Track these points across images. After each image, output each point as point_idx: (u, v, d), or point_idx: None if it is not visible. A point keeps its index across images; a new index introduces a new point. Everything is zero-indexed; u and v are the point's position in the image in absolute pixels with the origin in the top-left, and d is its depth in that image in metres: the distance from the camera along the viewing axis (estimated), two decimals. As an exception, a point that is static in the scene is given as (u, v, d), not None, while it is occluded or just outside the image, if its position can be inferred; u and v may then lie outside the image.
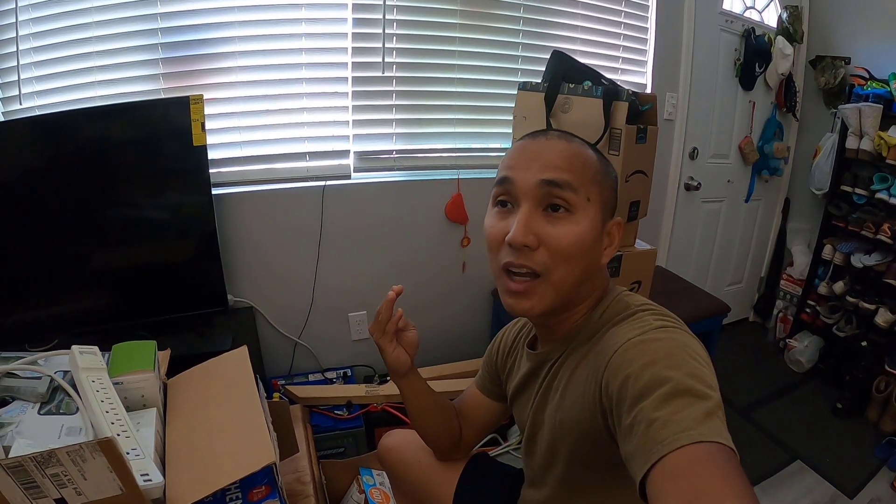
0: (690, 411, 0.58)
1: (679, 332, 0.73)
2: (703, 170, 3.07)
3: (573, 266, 0.80)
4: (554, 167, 0.80)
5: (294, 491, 1.39)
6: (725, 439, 0.56)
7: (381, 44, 2.06)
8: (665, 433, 0.56)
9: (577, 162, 0.81)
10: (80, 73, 1.77)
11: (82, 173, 1.60)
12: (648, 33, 2.64)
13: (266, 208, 2.06)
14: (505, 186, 0.83)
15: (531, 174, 0.80)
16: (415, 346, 1.08)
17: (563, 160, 0.81)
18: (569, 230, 0.79)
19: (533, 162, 0.81)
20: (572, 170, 0.80)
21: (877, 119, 2.60)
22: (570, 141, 0.85)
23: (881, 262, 2.65)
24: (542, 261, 0.79)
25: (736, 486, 0.51)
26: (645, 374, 0.64)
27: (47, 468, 0.73)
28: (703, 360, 0.67)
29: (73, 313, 1.67)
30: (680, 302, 2.37)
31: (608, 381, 0.70)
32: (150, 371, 1.11)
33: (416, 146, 2.29)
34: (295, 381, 2.19)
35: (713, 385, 0.63)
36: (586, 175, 0.81)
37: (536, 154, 0.82)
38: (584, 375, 0.79)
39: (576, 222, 0.79)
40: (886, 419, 2.54)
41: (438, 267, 2.42)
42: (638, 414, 0.61)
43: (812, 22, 3.11)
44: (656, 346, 0.69)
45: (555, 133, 0.86)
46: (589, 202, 0.81)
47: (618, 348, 0.71)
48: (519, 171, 0.81)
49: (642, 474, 0.56)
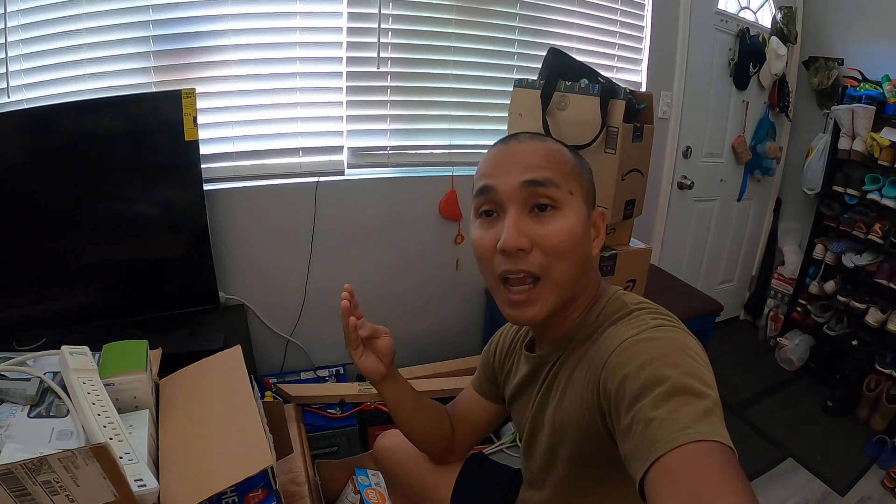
0: (688, 410, 0.58)
1: (676, 330, 0.73)
2: (696, 169, 3.08)
3: (569, 261, 0.80)
4: (534, 167, 0.80)
5: (289, 492, 1.38)
6: (724, 438, 0.56)
7: (376, 38, 2.03)
8: (663, 432, 0.56)
9: (554, 158, 0.82)
10: (70, 66, 1.73)
11: (72, 168, 1.57)
12: (644, 32, 2.64)
13: (258, 204, 2.03)
14: (487, 195, 0.82)
15: (512, 178, 0.80)
16: (389, 353, 1.04)
17: (540, 158, 0.81)
18: (559, 226, 0.79)
19: (511, 165, 0.81)
20: (551, 167, 0.81)
21: (869, 120, 2.62)
22: (542, 140, 0.86)
23: (872, 261, 2.68)
24: (539, 262, 0.79)
25: (735, 484, 0.51)
26: (643, 373, 0.64)
27: (39, 475, 0.70)
28: (701, 359, 0.68)
29: (61, 311, 1.64)
30: (673, 300, 2.37)
31: (606, 380, 0.70)
32: (142, 371, 1.08)
33: (411, 142, 2.28)
34: (287, 379, 2.17)
35: (711, 383, 0.64)
36: (565, 170, 0.82)
37: (513, 157, 0.82)
38: (583, 376, 0.79)
39: (564, 217, 0.80)
40: (876, 417, 2.57)
41: (432, 264, 2.41)
42: (636, 413, 0.61)
43: (806, 23, 3.13)
44: (654, 345, 0.69)
45: (525, 135, 0.87)
46: (572, 195, 0.82)
47: (615, 348, 0.71)
48: (499, 177, 0.81)
49: (641, 474, 0.56)
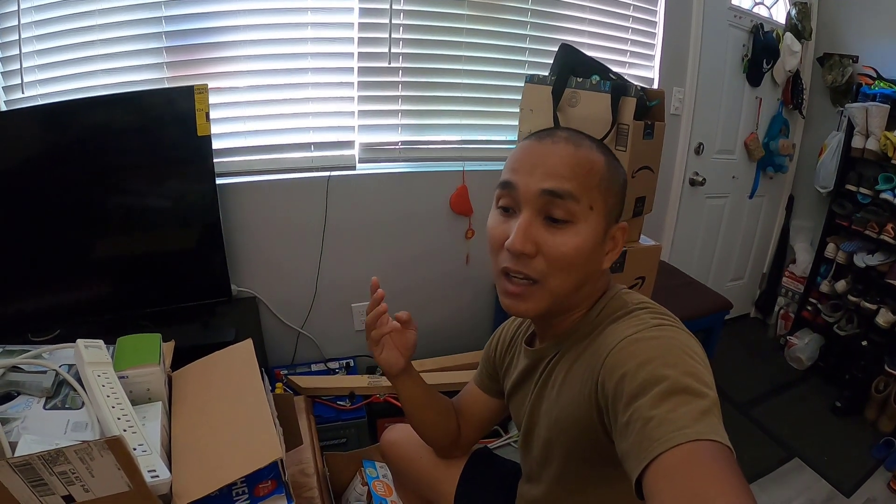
0: (687, 409, 0.58)
1: (676, 330, 0.73)
2: (708, 165, 3.06)
3: (570, 275, 0.80)
4: (557, 175, 0.78)
5: (298, 483, 1.40)
6: (721, 437, 0.56)
7: (387, 34, 2.04)
8: (661, 431, 0.57)
9: (582, 169, 0.79)
10: (84, 62, 1.75)
11: (85, 162, 1.59)
12: (657, 27, 2.62)
13: (270, 198, 2.05)
14: (507, 191, 0.82)
15: (534, 181, 0.78)
16: (411, 348, 1.06)
17: (566, 167, 0.78)
18: (567, 240, 0.78)
19: (536, 168, 0.79)
20: (576, 178, 0.78)
21: (883, 119, 2.59)
22: (577, 145, 0.82)
23: (884, 262, 2.65)
24: (540, 268, 0.79)
25: (732, 484, 0.51)
26: (641, 372, 0.64)
27: (55, 466, 0.73)
28: (700, 359, 0.68)
29: (75, 303, 1.67)
30: (683, 298, 2.38)
31: (604, 378, 0.70)
32: (156, 365, 1.10)
33: (422, 137, 2.28)
34: (298, 371, 2.19)
35: (710, 383, 0.64)
36: (591, 182, 0.79)
37: (541, 159, 0.80)
38: (581, 373, 0.80)
39: (576, 233, 0.78)
40: (884, 419, 2.56)
41: (442, 258, 2.41)
42: (634, 412, 0.61)
43: (821, 19, 3.09)
44: (653, 344, 0.69)
45: (562, 135, 0.83)
46: (592, 210, 0.79)
47: (614, 346, 0.72)
48: (522, 175, 0.80)
49: (638, 473, 0.56)
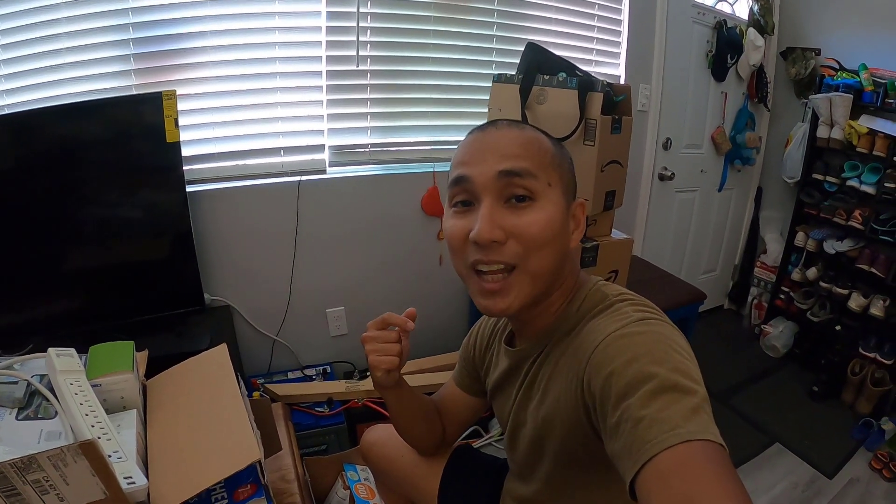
0: (677, 408, 0.57)
1: (661, 323, 0.72)
2: (676, 160, 3.10)
3: (548, 252, 0.78)
4: (511, 156, 0.77)
5: (279, 489, 1.37)
6: (714, 435, 0.55)
7: (355, 37, 2.04)
8: (653, 432, 0.55)
9: (533, 147, 0.79)
10: (50, 71, 1.72)
11: (54, 172, 1.56)
12: (622, 25, 2.66)
13: (241, 205, 2.03)
14: (461, 185, 0.80)
15: (488, 167, 0.77)
16: (405, 359, 1.01)
17: (518, 147, 0.78)
18: (536, 218, 0.76)
19: (487, 154, 0.78)
20: (529, 156, 0.78)
21: (847, 108, 2.66)
22: (521, 127, 0.82)
23: (853, 247, 2.72)
24: (515, 251, 0.76)
25: (728, 485, 0.50)
26: (629, 371, 0.62)
27: (28, 474, 0.70)
28: (687, 353, 0.67)
29: (47, 316, 1.63)
30: (656, 290, 2.40)
31: (590, 377, 0.68)
32: (129, 372, 1.08)
33: (392, 139, 2.28)
34: (274, 379, 2.17)
35: (698, 379, 0.63)
36: (544, 160, 0.79)
37: (490, 146, 0.79)
38: (566, 372, 0.78)
39: (541, 209, 0.77)
40: (862, 401, 2.61)
41: (415, 260, 2.42)
42: (624, 412, 0.60)
43: (783, 14, 3.17)
44: (639, 341, 0.67)
45: (503, 122, 0.83)
46: (550, 186, 0.79)
47: (598, 343, 0.70)
48: (474, 166, 0.78)
49: (632, 475, 0.55)
